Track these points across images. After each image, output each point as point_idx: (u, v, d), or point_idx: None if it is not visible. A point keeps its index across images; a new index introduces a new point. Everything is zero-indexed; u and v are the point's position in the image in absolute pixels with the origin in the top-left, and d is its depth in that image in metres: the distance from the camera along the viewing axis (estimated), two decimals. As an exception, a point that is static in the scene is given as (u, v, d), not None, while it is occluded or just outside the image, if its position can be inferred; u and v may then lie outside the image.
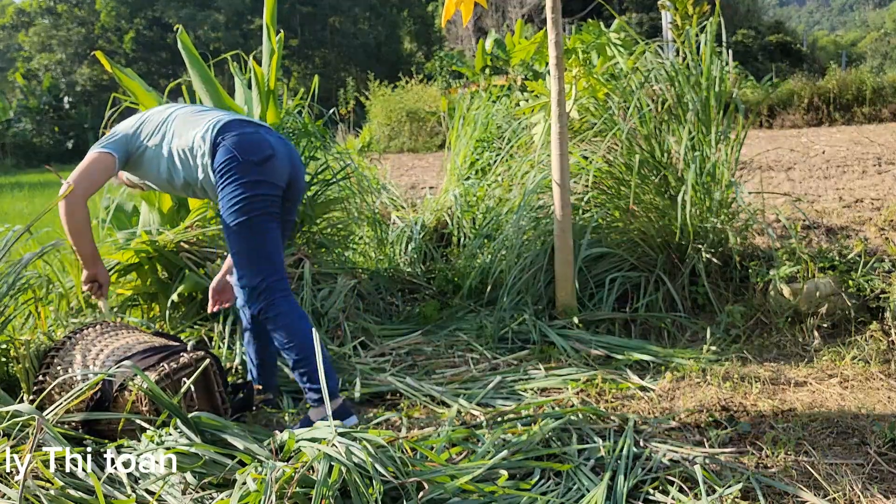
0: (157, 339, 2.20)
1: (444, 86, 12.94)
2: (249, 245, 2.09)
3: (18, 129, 22.41)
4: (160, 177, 2.23)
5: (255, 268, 2.09)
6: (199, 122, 2.17)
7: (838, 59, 19.13)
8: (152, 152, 2.19)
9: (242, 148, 2.09)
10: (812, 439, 2.03)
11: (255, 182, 2.08)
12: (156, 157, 2.19)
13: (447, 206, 4.39)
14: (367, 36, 32.46)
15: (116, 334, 2.15)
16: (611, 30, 4.75)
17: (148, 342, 2.11)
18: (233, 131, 2.12)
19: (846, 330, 2.79)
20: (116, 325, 2.25)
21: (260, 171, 2.09)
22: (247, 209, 2.07)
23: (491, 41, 11.02)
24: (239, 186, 2.07)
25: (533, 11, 21.25)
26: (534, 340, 2.92)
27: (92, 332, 2.16)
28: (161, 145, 2.18)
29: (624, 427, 2.11)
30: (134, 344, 2.07)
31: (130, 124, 2.24)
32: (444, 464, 1.78)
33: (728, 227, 3.15)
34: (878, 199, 4.12)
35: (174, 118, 2.21)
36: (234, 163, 2.07)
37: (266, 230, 2.11)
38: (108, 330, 2.18)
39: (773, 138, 8.51)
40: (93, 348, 2.06)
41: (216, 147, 2.10)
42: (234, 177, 2.07)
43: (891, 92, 10.97)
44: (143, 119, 2.24)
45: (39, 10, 32.30)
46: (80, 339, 2.11)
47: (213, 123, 2.15)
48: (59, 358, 2.07)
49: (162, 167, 2.19)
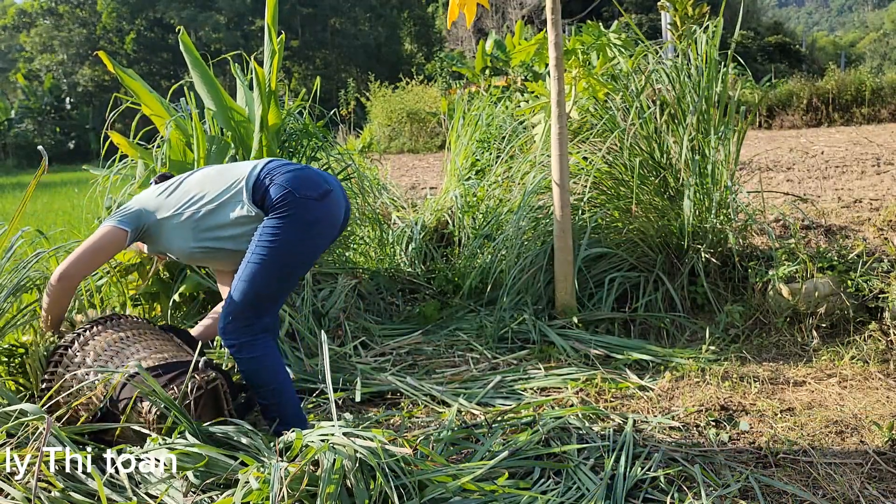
0: (168, 346, 2.10)
1: (445, 87, 12.96)
2: (267, 288, 1.95)
3: (20, 130, 22.45)
4: (183, 247, 2.03)
5: (257, 309, 1.95)
6: (232, 173, 2.02)
7: (837, 60, 19.15)
8: (175, 222, 2.01)
9: (298, 183, 1.93)
10: (811, 439, 2.03)
11: (313, 221, 1.93)
12: (179, 227, 2.01)
13: (447, 207, 4.40)
14: (368, 37, 32.49)
15: (127, 338, 2.07)
16: (610, 30, 4.76)
17: (159, 352, 2.02)
18: (278, 170, 1.97)
19: (845, 330, 2.79)
20: (127, 323, 2.15)
21: (319, 207, 1.94)
22: (299, 251, 1.94)
23: (491, 42, 11.04)
24: (296, 224, 1.91)
25: (533, 12, 21.27)
26: (533, 340, 2.93)
27: (102, 331, 2.08)
28: (183, 212, 2.00)
29: (623, 426, 2.12)
30: (145, 357, 1.99)
31: (149, 195, 2.08)
32: (445, 463, 1.79)
33: (727, 228, 3.16)
34: (877, 200, 4.13)
35: (196, 178, 2.06)
36: (290, 199, 1.90)
37: (295, 280, 2.00)
38: (119, 330, 2.09)
39: (772, 139, 8.52)
40: (102, 354, 1.99)
41: (264, 188, 1.94)
42: (292, 213, 1.90)
43: (889, 92, 10.99)
44: (163, 189, 2.08)
45: (41, 10, 32.33)
46: (89, 339, 2.04)
47: (250, 168, 2.00)
48: (67, 358, 2.02)
49: (185, 236, 2.01)
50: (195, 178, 2.08)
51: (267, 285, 1.93)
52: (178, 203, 2.02)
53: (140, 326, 2.17)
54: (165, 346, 2.09)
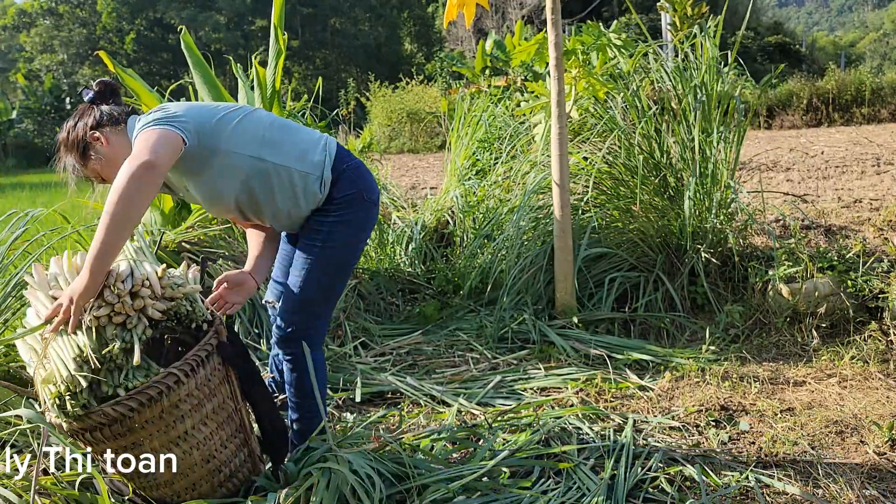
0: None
1: (445, 87, 12.97)
2: (326, 291, 1.83)
3: (20, 130, 22.46)
4: (226, 192, 1.75)
5: (314, 315, 1.84)
6: (302, 138, 1.80)
7: (837, 60, 19.16)
8: (236, 160, 1.71)
9: (365, 183, 1.82)
10: (811, 439, 2.04)
11: (366, 226, 1.84)
12: (236, 168, 1.71)
13: (448, 207, 4.40)
14: (368, 37, 32.48)
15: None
16: (610, 30, 4.76)
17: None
18: (351, 160, 1.83)
19: (845, 330, 2.79)
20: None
21: (374, 212, 1.86)
22: (349, 255, 1.84)
23: (491, 42, 11.04)
24: (353, 228, 1.80)
25: (533, 13, 21.27)
26: (533, 340, 2.93)
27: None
28: (243, 153, 1.71)
29: (623, 426, 2.12)
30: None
31: (208, 112, 1.73)
32: (447, 463, 1.79)
33: (727, 228, 3.16)
34: (877, 200, 4.13)
35: (265, 121, 1.79)
36: (357, 199, 1.79)
37: (346, 280, 1.91)
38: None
39: (772, 139, 8.53)
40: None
41: (338, 175, 1.78)
42: (351, 216, 1.79)
43: (889, 92, 10.99)
44: (219, 112, 1.75)
45: (41, 10, 32.32)
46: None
47: (325, 143, 1.81)
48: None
49: (237, 181, 1.73)
50: (263, 120, 1.79)
51: (325, 289, 1.82)
52: (245, 142, 1.72)
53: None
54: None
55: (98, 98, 1.80)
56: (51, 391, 1.42)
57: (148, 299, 1.51)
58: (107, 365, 1.46)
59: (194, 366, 1.55)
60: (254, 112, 1.81)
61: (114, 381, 1.46)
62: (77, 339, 1.44)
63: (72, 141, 1.76)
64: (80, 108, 1.81)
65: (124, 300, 1.48)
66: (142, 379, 1.48)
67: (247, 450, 1.73)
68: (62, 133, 1.80)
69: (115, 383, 1.46)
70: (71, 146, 1.77)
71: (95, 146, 1.74)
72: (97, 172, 1.78)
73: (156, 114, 1.66)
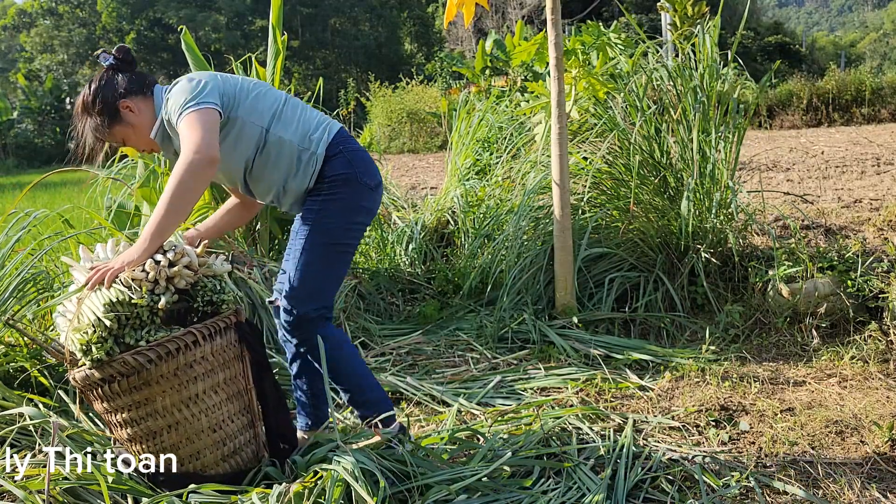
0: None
1: (445, 87, 12.97)
2: (323, 272, 1.85)
3: (20, 130, 22.46)
4: (238, 161, 1.81)
5: (314, 296, 1.85)
6: (308, 117, 1.87)
7: (837, 60, 19.16)
8: (249, 129, 1.79)
9: (363, 167, 1.85)
10: (811, 439, 2.04)
11: (360, 208, 1.86)
12: (249, 137, 1.79)
13: (448, 207, 4.41)
14: (368, 37, 32.49)
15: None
16: (610, 30, 4.77)
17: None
18: (350, 144, 1.86)
19: (845, 330, 2.79)
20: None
21: (370, 197, 1.88)
22: (343, 236, 1.85)
23: (491, 42, 11.04)
24: (345, 208, 1.83)
25: (533, 12, 21.28)
26: (533, 340, 2.93)
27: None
28: (256, 124, 1.79)
29: (623, 426, 2.12)
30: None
31: (231, 83, 1.80)
32: (448, 464, 1.79)
33: (727, 228, 3.16)
34: (877, 200, 4.14)
35: (281, 100, 1.86)
36: (350, 180, 1.82)
37: (346, 263, 1.92)
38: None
39: (772, 139, 8.53)
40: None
41: (332, 155, 1.82)
42: (343, 195, 1.82)
43: (889, 92, 11.00)
44: (238, 83, 1.83)
45: (41, 10, 32.33)
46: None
47: (327, 125, 1.87)
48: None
49: (249, 150, 1.80)
50: (279, 97, 1.86)
51: (323, 270, 1.85)
52: (259, 113, 1.80)
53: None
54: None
55: (118, 65, 1.82)
56: (79, 338, 1.54)
57: (184, 270, 1.65)
58: (132, 321, 1.59)
59: (212, 331, 1.67)
60: (271, 89, 1.89)
61: (136, 336, 1.59)
62: (109, 293, 1.56)
63: (100, 105, 1.78)
64: (100, 74, 1.83)
65: (163, 266, 1.61)
66: (163, 335, 1.60)
67: (252, 431, 1.79)
68: (82, 97, 1.81)
69: (138, 337, 1.59)
70: (98, 110, 1.78)
71: (125, 113, 1.80)
72: (122, 138, 1.85)
73: (188, 91, 1.72)
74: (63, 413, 2.06)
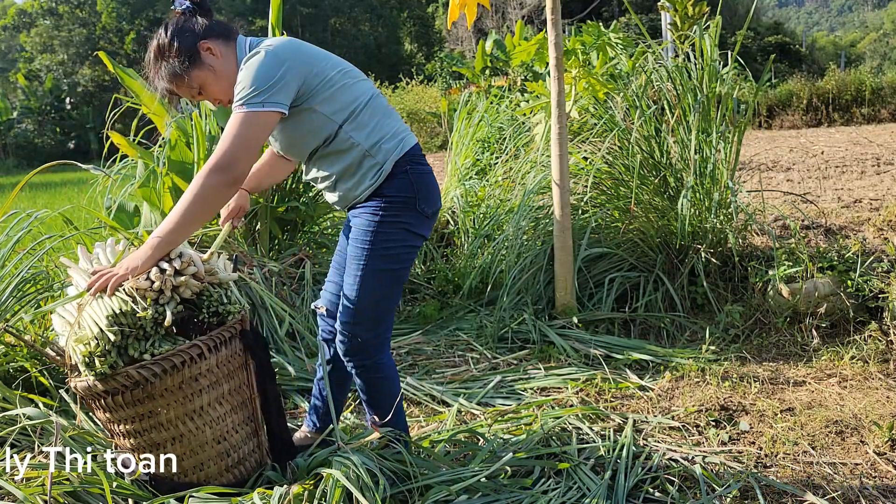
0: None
1: (445, 87, 12.97)
2: (384, 295, 1.75)
3: (20, 130, 22.48)
4: (305, 146, 1.73)
5: (376, 321, 1.76)
6: (385, 124, 1.73)
7: (837, 60, 19.16)
8: (320, 122, 1.68)
9: (425, 192, 1.73)
10: (811, 439, 2.04)
11: (416, 235, 1.76)
12: (320, 129, 1.68)
13: (448, 207, 4.41)
14: (368, 37, 32.50)
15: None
16: (610, 30, 4.77)
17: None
18: (419, 164, 1.75)
19: (845, 330, 2.80)
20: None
21: (425, 224, 1.77)
22: (403, 259, 1.75)
23: (491, 42, 11.04)
24: (404, 231, 1.72)
25: (533, 12, 21.29)
26: (533, 340, 2.93)
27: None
28: (331, 118, 1.67)
29: (623, 426, 2.12)
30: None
31: (314, 70, 1.65)
32: (448, 464, 1.79)
33: (727, 227, 3.16)
34: (877, 200, 4.14)
35: (363, 100, 1.72)
36: (409, 205, 1.71)
37: (402, 286, 1.83)
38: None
39: (772, 139, 8.53)
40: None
41: (397, 172, 1.70)
42: (402, 219, 1.71)
43: (889, 92, 11.00)
44: (327, 76, 1.68)
45: (41, 10, 32.34)
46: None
47: (402, 137, 1.74)
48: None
49: (318, 140, 1.71)
50: (363, 94, 1.73)
51: (383, 294, 1.76)
52: (336, 108, 1.67)
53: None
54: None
55: (195, 8, 1.69)
56: (81, 350, 1.49)
57: (190, 279, 1.60)
58: (136, 332, 1.54)
59: (218, 343, 1.62)
60: (358, 81, 1.74)
61: (140, 348, 1.55)
62: (112, 303, 1.51)
63: (177, 45, 1.64)
64: (174, 17, 1.69)
65: (168, 276, 1.57)
66: (168, 347, 1.56)
67: (256, 440, 1.77)
68: (156, 40, 1.67)
69: (142, 349, 1.54)
70: (175, 51, 1.64)
71: (205, 56, 1.66)
72: (199, 85, 1.69)
73: (260, 77, 1.56)
74: (64, 413, 2.06)
